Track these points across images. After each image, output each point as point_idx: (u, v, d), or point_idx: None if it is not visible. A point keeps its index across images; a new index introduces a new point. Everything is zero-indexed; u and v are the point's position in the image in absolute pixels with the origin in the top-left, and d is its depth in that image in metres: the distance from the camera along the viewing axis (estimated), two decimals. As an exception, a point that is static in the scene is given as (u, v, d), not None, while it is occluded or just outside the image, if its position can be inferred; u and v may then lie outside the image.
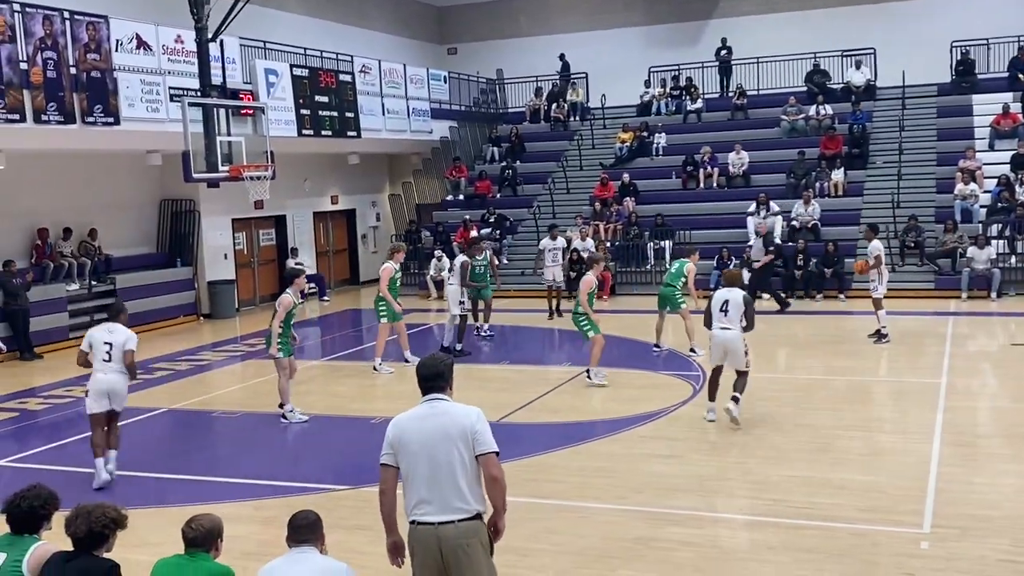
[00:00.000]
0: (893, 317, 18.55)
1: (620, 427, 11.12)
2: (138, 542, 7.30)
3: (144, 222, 21.73)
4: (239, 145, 15.82)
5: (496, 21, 32.52)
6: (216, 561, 4.79)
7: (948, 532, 7.55)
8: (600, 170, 26.24)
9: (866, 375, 13.68)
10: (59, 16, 15.68)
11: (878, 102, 26.47)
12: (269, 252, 24.80)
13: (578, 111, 29.36)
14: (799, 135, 25.73)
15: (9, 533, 4.85)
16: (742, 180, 24.66)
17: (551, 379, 13.76)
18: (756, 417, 11.14)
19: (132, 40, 17.04)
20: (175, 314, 21.06)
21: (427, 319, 21.26)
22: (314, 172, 25.55)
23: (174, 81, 17.60)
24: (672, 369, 14.20)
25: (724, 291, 11.07)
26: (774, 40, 28.24)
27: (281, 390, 12.12)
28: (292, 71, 20.86)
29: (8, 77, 14.67)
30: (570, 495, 8.86)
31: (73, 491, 8.96)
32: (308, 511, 4.99)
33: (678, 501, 8.56)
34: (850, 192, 23.55)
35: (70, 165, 19.10)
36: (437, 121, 27.35)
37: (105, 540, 4.68)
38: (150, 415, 12.88)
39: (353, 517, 8.33)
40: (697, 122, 27.64)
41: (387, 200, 29.23)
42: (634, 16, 31.10)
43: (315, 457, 10.98)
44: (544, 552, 7.58)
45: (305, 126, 20.99)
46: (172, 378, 15.29)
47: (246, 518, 8.57)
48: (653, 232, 23.28)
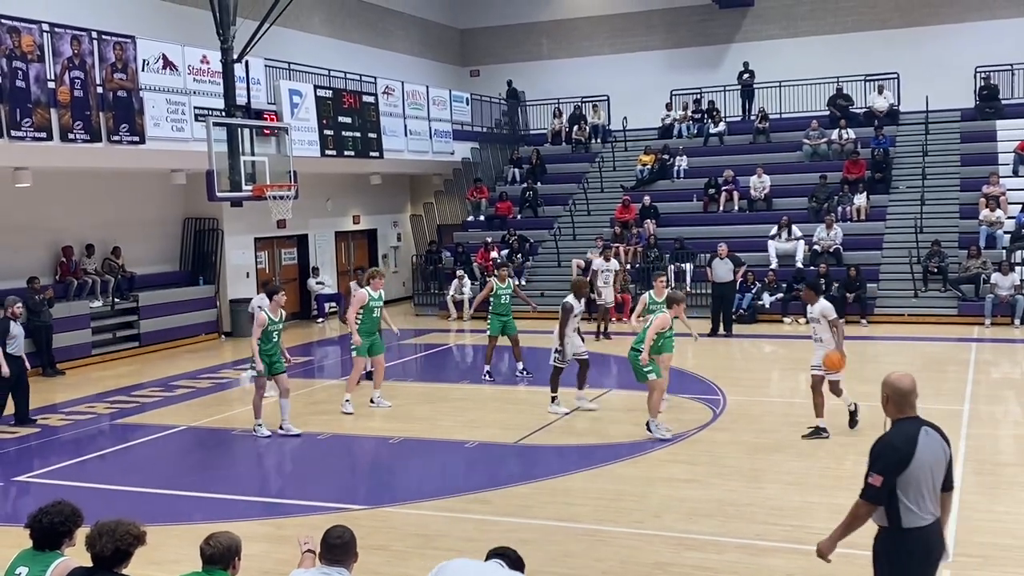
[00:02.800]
0: (916, 343, 18.46)
1: (639, 450, 11.08)
2: (157, 559, 7.32)
3: (167, 240, 21.89)
4: (263, 165, 15.91)
5: (518, 44, 32.69)
6: (234, 579, 4.79)
7: (969, 560, 7.47)
8: (621, 192, 26.26)
9: (888, 401, 13.55)
10: (87, 36, 15.87)
11: (901, 127, 26.39)
12: (291, 271, 24.92)
13: (599, 133, 29.44)
14: (821, 159, 25.68)
15: (31, 548, 4.88)
16: (764, 204, 24.62)
17: (571, 401, 13.72)
18: (776, 442, 11.08)
19: (159, 60, 17.22)
20: (197, 332, 21.16)
21: (447, 340, 21.29)
22: (336, 192, 25.69)
23: (199, 101, 17.77)
24: (692, 393, 14.14)
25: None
26: (797, 64, 28.24)
27: (254, 406, 12.29)
28: (316, 92, 21.02)
29: (36, 96, 14.85)
30: (588, 518, 8.82)
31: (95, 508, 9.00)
32: (343, 530, 4.93)
33: (697, 526, 8.50)
34: (873, 217, 23.46)
35: (95, 183, 19.29)
36: (459, 142, 27.47)
37: (128, 557, 4.71)
38: (170, 432, 12.94)
39: (370, 537, 8.31)
40: (719, 145, 27.64)
41: (408, 220, 29.34)
42: (656, 40, 31.19)
43: (333, 476, 10.99)
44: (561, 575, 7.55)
45: (328, 146, 21.12)
46: (193, 396, 15.35)
47: (264, 536, 8.58)
48: (673, 255, 23.25)
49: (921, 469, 5.01)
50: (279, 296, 12.24)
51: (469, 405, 13.84)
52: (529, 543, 8.10)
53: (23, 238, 18.17)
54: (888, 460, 5.04)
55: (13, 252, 17.92)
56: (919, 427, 5.11)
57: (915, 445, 5.02)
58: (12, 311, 13.55)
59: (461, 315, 23.71)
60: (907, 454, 5.01)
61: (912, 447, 5.02)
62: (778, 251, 22.63)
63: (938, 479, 5.08)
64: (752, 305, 21.47)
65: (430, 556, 7.91)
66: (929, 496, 5.05)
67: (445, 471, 11.04)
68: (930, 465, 5.04)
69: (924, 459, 5.03)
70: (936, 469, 5.07)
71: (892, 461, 5.02)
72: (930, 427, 5.16)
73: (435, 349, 20.09)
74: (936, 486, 5.07)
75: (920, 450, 5.03)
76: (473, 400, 14.14)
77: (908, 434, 5.08)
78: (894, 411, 5.19)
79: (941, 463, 5.09)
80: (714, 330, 19.91)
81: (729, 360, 17.83)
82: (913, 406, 5.19)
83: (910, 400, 5.18)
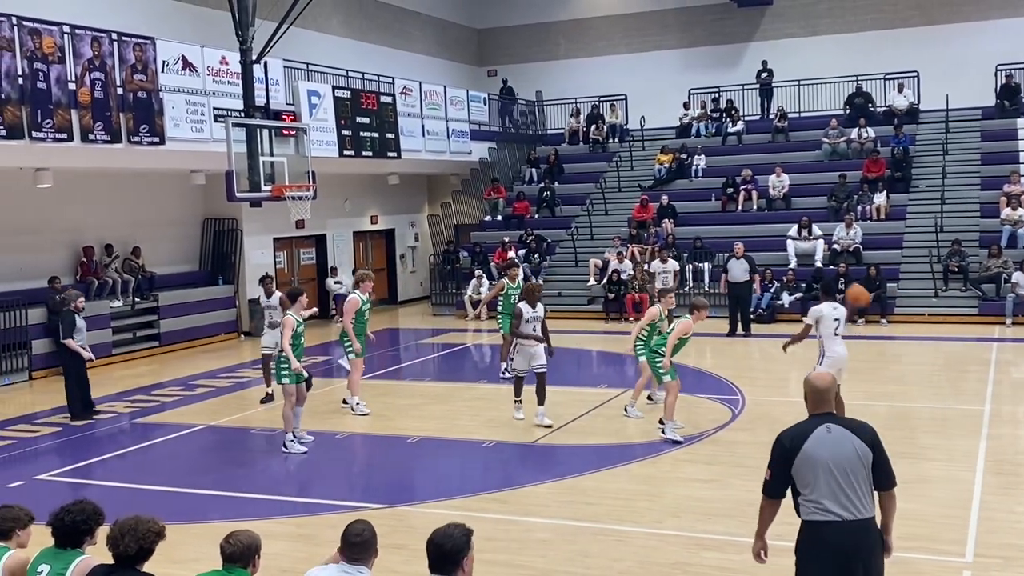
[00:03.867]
0: (937, 342, 18.35)
1: (657, 450, 11.06)
2: (177, 557, 7.37)
3: (187, 240, 22.01)
4: (281, 165, 15.97)
5: (536, 43, 32.70)
6: (253, 577, 4.81)
7: (991, 562, 7.42)
8: (639, 192, 26.21)
9: (908, 401, 13.51)
10: (107, 37, 15.97)
11: (921, 125, 26.23)
12: (309, 271, 25.01)
13: (617, 133, 29.40)
14: (840, 158, 25.56)
15: (53, 547, 4.92)
16: (782, 203, 24.52)
17: (588, 401, 13.71)
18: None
19: (178, 61, 17.31)
20: (216, 332, 21.27)
21: (464, 339, 21.31)
22: (354, 192, 25.76)
23: (218, 102, 17.85)
24: (710, 392, 14.10)
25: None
26: (816, 62, 28.13)
27: (285, 417, 11.72)
28: (334, 92, 21.08)
29: (57, 97, 14.95)
30: (606, 518, 8.81)
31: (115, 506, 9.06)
32: (363, 526, 4.79)
33: (716, 526, 8.48)
34: (893, 216, 23.33)
35: (115, 184, 19.42)
36: (476, 142, 27.49)
37: (151, 554, 4.74)
38: (190, 431, 13.01)
39: (389, 536, 8.31)
40: (737, 144, 27.55)
41: (426, 220, 29.39)
42: (674, 39, 31.13)
43: (352, 475, 11.02)
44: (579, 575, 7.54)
45: (346, 147, 21.18)
46: (212, 395, 15.43)
47: (284, 535, 8.61)
48: (691, 254, 23.20)
49: (813, 465, 5.06)
50: (303, 298, 11.86)
51: (486, 405, 13.85)
52: (547, 543, 8.10)
53: (44, 238, 18.31)
54: (774, 454, 5.25)
55: (35, 252, 18.08)
56: (818, 424, 5.17)
57: (803, 440, 5.12)
58: (76, 305, 13.77)
59: (478, 315, 23.72)
60: (791, 449, 5.13)
61: (799, 442, 5.12)
62: (797, 250, 22.54)
63: (852, 477, 5.04)
64: (771, 305, 21.38)
65: (448, 555, 7.91)
66: (833, 493, 5.03)
67: (463, 470, 11.05)
68: (829, 462, 5.05)
69: (817, 455, 5.07)
70: (843, 467, 5.04)
71: (776, 455, 5.23)
72: (841, 425, 5.17)
73: (452, 349, 20.11)
74: (849, 484, 5.03)
75: (811, 446, 5.09)
76: (490, 400, 14.14)
77: (800, 430, 5.21)
78: (809, 408, 5.32)
79: (852, 461, 5.06)
80: (732, 330, 19.86)
81: (747, 360, 17.77)
82: (827, 404, 5.28)
83: (825, 398, 5.29)
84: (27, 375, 17.10)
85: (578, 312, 23.09)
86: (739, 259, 20.15)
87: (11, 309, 16.85)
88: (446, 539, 4.31)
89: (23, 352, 17.00)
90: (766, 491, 5.33)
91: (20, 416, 14.27)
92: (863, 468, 5.07)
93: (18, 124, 14.32)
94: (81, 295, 14.45)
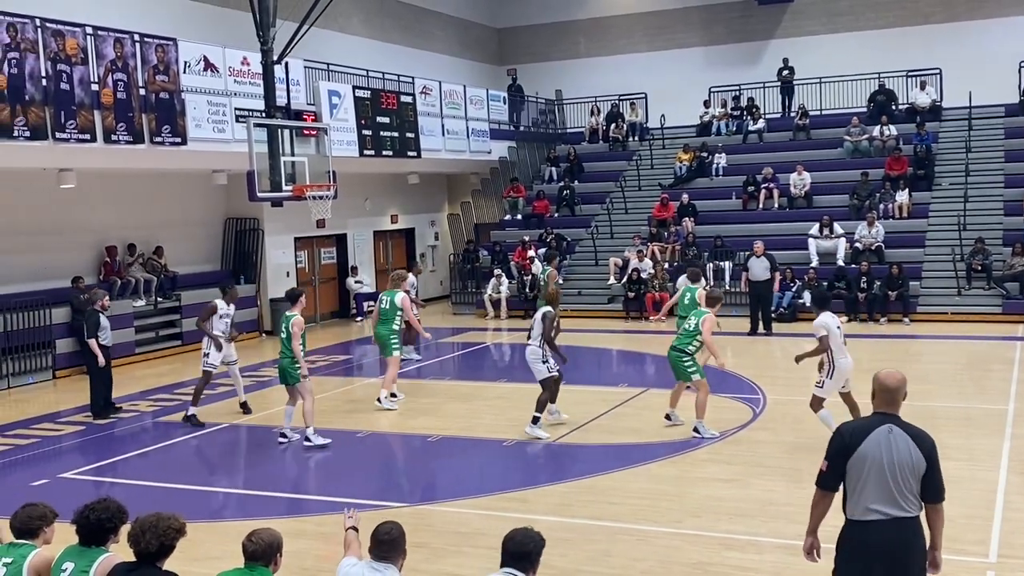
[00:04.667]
0: (960, 341, 18.21)
1: (678, 450, 11.03)
2: (199, 555, 7.41)
3: (209, 240, 22.12)
4: (302, 165, 16.05)
5: (555, 43, 32.68)
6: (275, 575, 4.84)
7: (1015, 563, 7.37)
8: (659, 190, 26.15)
9: (931, 400, 13.40)
10: (130, 39, 16.07)
11: (944, 123, 26.05)
12: (330, 270, 25.08)
13: (637, 131, 29.34)
14: (862, 156, 25.41)
15: (77, 544, 4.96)
16: (804, 201, 24.41)
17: (609, 400, 13.69)
18: (818, 441, 10.95)
19: (200, 62, 17.40)
20: (238, 331, 21.28)
21: (484, 338, 21.32)
22: (375, 192, 25.82)
23: (240, 102, 17.93)
24: (732, 392, 14.05)
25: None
26: (837, 60, 27.98)
27: (307, 412, 11.81)
28: (355, 92, 21.13)
29: (80, 98, 15.07)
30: (627, 518, 8.80)
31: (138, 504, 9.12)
32: (391, 526, 4.97)
33: (737, 526, 8.46)
34: (915, 214, 23.18)
35: (138, 184, 19.54)
36: (496, 141, 27.50)
37: (172, 551, 4.78)
38: (212, 430, 13.08)
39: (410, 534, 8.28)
40: (758, 142, 27.44)
41: (446, 219, 29.43)
42: (694, 37, 31.05)
43: (373, 474, 11.05)
44: (600, 575, 7.54)
45: (367, 146, 21.23)
46: (234, 394, 15.46)
47: (305, 533, 8.64)
48: (712, 253, 23.13)
49: (868, 463, 5.02)
50: (302, 299, 12.17)
51: (507, 404, 13.86)
52: (568, 542, 8.10)
53: (68, 238, 18.45)
54: (832, 447, 5.18)
55: (58, 252, 18.22)
56: (881, 423, 5.12)
57: (863, 437, 5.07)
58: (101, 304, 13.89)
59: (498, 314, 23.75)
60: (850, 444, 5.08)
61: (859, 439, 5.08)
62: (819, 249, 22.42)
63: (903, 482, 5.01)
64: (792, 303, 21.29)
65: (469, 554, 7.94)
66: (882, 494, 5.01)
67: (483, 469, 11.07)
68: (884, 462, 5.01)
69: (874, 455, 5.03)
70: (897, 470, 5.01)
71: (835, 448, 5.16)
72: (903, 429, 5.11)
73: (472, 348, 20.14)
74: (899, 488, 5.01)
75: (869, 445, 5.05)
76: (511, 399, 14.15)
77: (862, 427, 5.17)
78: (875, 405, 5.25)
79: (906, 467, 5.02)
80: (753, 329, 19.78)
81: (769, 359, 17.70)
82: (894, 404, 5.20)
83: (893, 398, 5.21)
84: (51, 374, 17.24)
85: (598, 311, 23.07)
86: (759, 258, 20.05)
87: (35, 309, 16.99)
88: (529, 539, 4.77)
89: (47, 351, 17.14)
90: (820, 483, 5.25)
91: (44, 415, 14.39)
92: (914, 476, 5.04)
93: (42, 125, 14.45)
94: (106, 294, 14.59)
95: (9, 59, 14.04)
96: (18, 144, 14.23)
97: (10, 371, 16.59)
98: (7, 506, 5.49)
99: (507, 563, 4.74)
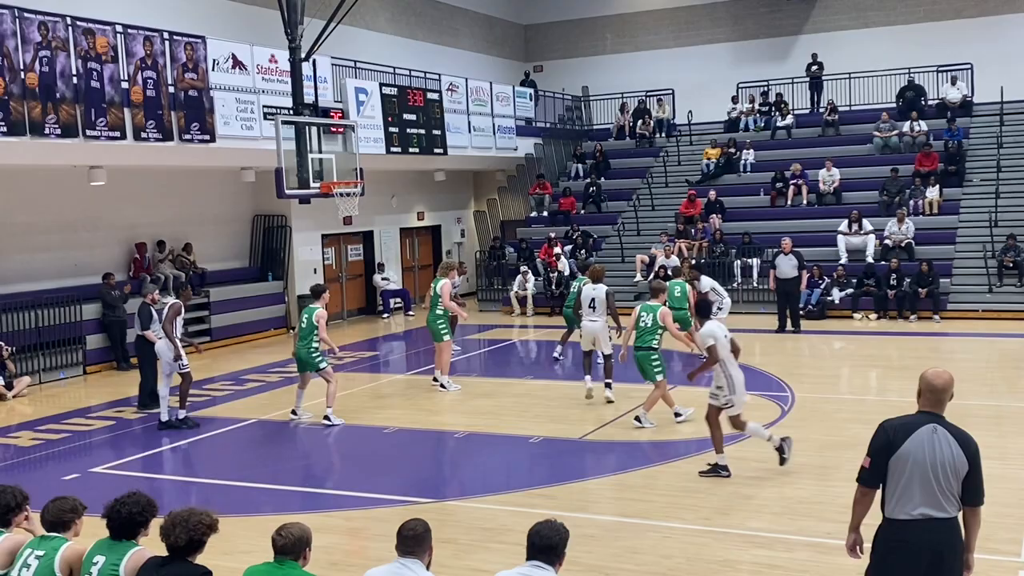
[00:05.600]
0: (991, 339, 18.02)
1: (706, 447, 10.95)
2: (229, 549, 7.46)
3: (237, 237, 22.26)
4: (330, 162, 16.10)
5: (582, 39, 32.62)
6: (304, 569, 4.86)
7: (1050, 563, 7.28)
8: (686, 187, 26.05)
9: (963, 399, 13.22)
10: (159, 37, 16.19)
11: (975, 118, 25.76)
12: (357, 267, 25.17)
13: (664, 127, 29.24)
14: (892, 152, 25.19)
15: (108, 538, 5.00)
16: (833, 198, 24.23)
17: (636, 397, 13.65)
18: (847, 439, 10.90)
19: (228, 60, 17.50)
20: (266, 327, 21.49)
21: (510, 335, 21.32)
22: (401, 189, 25.88)
23: (268, 100, 18.02)
24: (760, 389, 13.97)
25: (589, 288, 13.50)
26: (867, 55, 27.76)
27: (331, 394, 12.81)
28: (381, 89, 21.19)
29: (110, 96, 15.20)
30: (655, 514, 8.77)
31: (168, 499, 9.21)
32: (417, 522, 4.97)
33: (765, 523, 8.41)
34: (946, 210, 22.95)
35: (167, 181, 19.69)
36: (522, 138, 27.49)
37: (202, 546, 4.80)
38: (241, 425, 13.16)
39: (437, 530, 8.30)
40: (786, 138, 27.27)
41: (472, 216, 29.46)
42: (722, 32, 30.89)
43: (399, 469, 11.08)
44: (628, 572, 7.51)
45: (393, 143, 21.29)
46: (262, 390, 15.59)
47: (333, 528, 8.68)
48: (740, 250, 23.01)
49: (911, 462, 4.98)
50: (326, 294, 13.19)
51: (534, 400, 13.85)
52: (595, 539, 8.08)
53: (98, 235, 18.63)
54: (876, 443, 5.13)
55: (89, 249, 18.40)
56: (926, 423, 5.07)
57: (907, 435, 5.03)
58: (152, 297, 14.10)
59: (524, 311, 23.74)
60: (894, 441, 5.04)
61: (903, 437, 5.03)
62: (848, 246, 22.25)
63: (944, 482, 4.97)
64: (821, 301, 21.14)
65: (496, 550, 7.94)
66: (924, 494, 4.96)
67: (510, 466, 11.07)
68: (927, 462, 4.96)
69: (917, 454, 4.99)
70: (940, 470, 4.96)
71: (877, 443, 5.11)
72: (947, 430, 5.05)
73: (499, 344, 20.14)
74: (940, 488, 4.97)
75: (913, 443, 5.00)
76: (538, 395, 14.14)
77: (906, 424, 5.11)
78: (920, 404, 5.20)
79: (948, 467, 4.97)
80: (781, 326, 19.65)
81: (797, 357, 17.59)
82: (940, 404, 5.15)
83: (940, 398, 5.16)
84: (82, 370, 17.40)
85: (624, 308, 22.94)
86: (787, 255, 19.89)
87: (66, 305, 17.16)
88: (554, 532, 4.77)
89: (78, 347, 17.30)
90: (861, 480, 5.21)
91: (75, 410, 14.53)
92: (955, 478, 5.00)
93: (72, 123, 14.58)
94: (156, 288, 14.89)
95: (40, 57, 14.19)
96: (49, 142, 14.37)
97: (41, 366, 16.76)
98: (39, 500, 5.54)
99: (533, 556, 4.75)
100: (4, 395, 15.40)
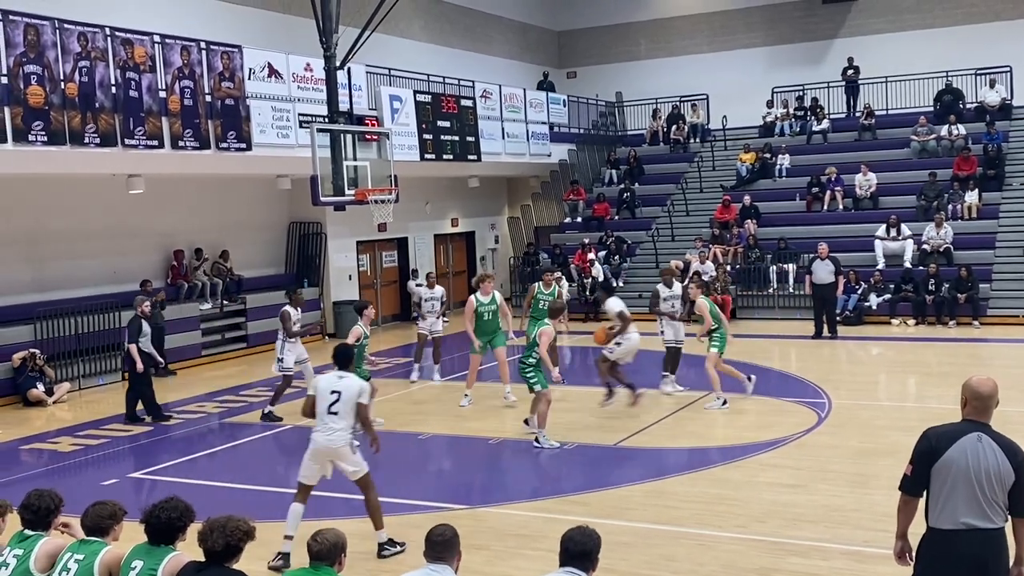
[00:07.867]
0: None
1: (741, 454, 10.91)
2: (266, 555, 7.52)
3: (273, 244, 22.43)
4: (364, 169, 16.18)
5: (616, 44, 32.57)
6: (339, 575, 4.89)
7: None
8: (721, 192, 25.92)
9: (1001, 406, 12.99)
10: (196, 46, 16.37)
11: (1015, 121, 25.43)
12: (391, 274, 25.28)
13: (698, 133, 29.12)
14: (930, 156, 24.92)
15: (146, 543, 5.06)
16: (869, 202, 24.00)
17: (668, 404, 13.60)
18: (885, 447, 10.79)
19: (264, 69, 17.66)
20: (301, 333, 21.54)
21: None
22: (435, 195, 25.96)
23: (303, 108, 18.15)
24: (796, 396, 13.87)
25: None
26: (903, 58, 27.49)
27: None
28: (415, 97, 21.27)
29: (148, 105, 15.38)
30: (689, 522, 8.73)
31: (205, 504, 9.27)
32: (445, 527, 4.98)
33: (802, 531, 8.34)
34: (985, 215, 22.66)
35: (204, 189, 19.89)
36: (556, 144, 27.48)
37: (239, 552, 4.84)
38: (276, 431, 13.25)
39: (470, 537, 8.35)
40: (822, 143, 27.06)
41: (506, 222, 29.48)
42: (756, 37, 30.72)
43: (433, 476, 11.11)
44: (662, 579, 7.49)
45: (427, 150, 21.36)
46: (298, 396, 15.61)
47: (367, 534, 8.70)
48: (775, 255, 22.85)
49: (954, 470, 4.91)
50: (369, 310, 12.72)
51: (567, 406, 13.82)
52: (629, 546, 8.06)
53: (136, 242, 18.85)
54: (918, 450, 5.07)
55: (127, 256, 18.63)
56: (970, 431, 5.00)
57: (950, 443, 4.96)
58: (142, 309, 14.12)
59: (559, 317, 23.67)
60: (937, 448, 4.97)
61: (946, 444, 4.97)
62: (886, 251, 22.03)
63: (990, 492, 4.89)
64: (858, 306, 20.94)
65: (530, 556, 7.94)
66: (968, 503, 4.89)
67: (543, 472, 11.06)
68: (971, 471, 4.89)
69: (961, 462, 4.91)
70: (984, 479, 4.88)
71: (921, 451, 5.05)
72: (993, 439, 4.97)
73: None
74: (986, 497, 4.89)
75: (956, 452, 4.94)
76: (571, 402, 14.12)
77: (950, 432, 5.04)
78: (965, 413, 5.13)
79: (993, 477, 4.89)
80: (817, 332, 19.48)
81: (834, 363, 17.43)
82: (985, 413, 5.07)
83: (986, 405, 5.09)
84: (121, 376, 17.56)
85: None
86: (823, 260, 19.71)
87: (105, 311, 17.37)
88: (588, 538, 4.77)
89: (117, 353, 17.49)
90: (905, 488, 5.15)
91: (114, 416, 14.67)
92: (1002, 487, 4.92)
93: (111, 132, 14.78)
94: (147, 300, 14.74)
95: (80, 67, 14.40)
96: (89, 151, 14.57)
97: (81, 373, 16.98)
98: (79, 505, 5.61)
99: (567, 562, 4.74)
100: (44, 401, 15.63)
